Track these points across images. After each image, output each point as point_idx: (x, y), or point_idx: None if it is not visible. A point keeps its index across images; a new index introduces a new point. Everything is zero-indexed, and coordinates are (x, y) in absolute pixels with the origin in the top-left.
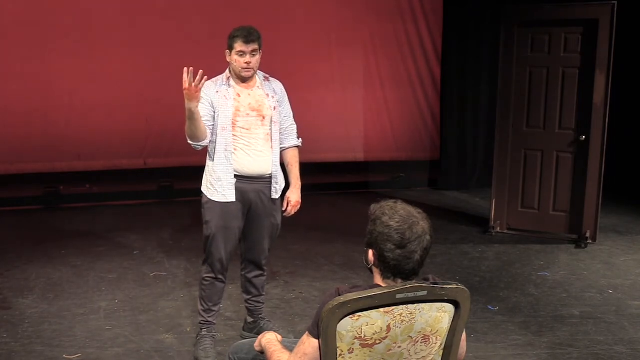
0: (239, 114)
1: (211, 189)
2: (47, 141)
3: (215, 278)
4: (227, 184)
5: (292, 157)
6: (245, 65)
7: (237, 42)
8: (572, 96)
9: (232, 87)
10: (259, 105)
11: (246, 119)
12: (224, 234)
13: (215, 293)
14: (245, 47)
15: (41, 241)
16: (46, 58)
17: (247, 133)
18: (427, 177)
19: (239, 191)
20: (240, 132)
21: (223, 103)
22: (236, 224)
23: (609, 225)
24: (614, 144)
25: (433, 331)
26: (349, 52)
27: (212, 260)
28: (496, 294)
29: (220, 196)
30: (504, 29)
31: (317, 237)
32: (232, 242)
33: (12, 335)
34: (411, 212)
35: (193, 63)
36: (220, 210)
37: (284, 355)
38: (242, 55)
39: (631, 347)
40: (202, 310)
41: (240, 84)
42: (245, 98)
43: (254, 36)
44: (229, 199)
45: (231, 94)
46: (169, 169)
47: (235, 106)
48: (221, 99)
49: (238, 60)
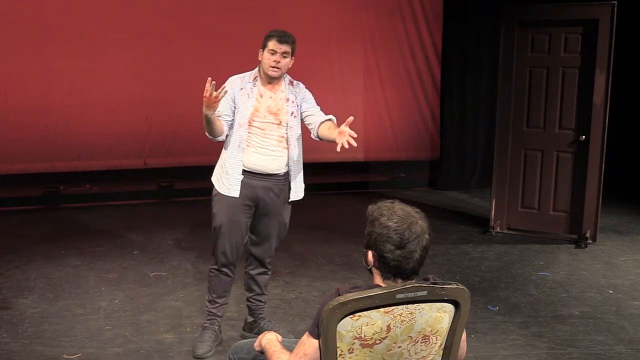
0: (257, 114)
1: (219, 181)
2: (47, 141)
3: (219, 270)
4: (234, 179)
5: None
6: (274, 63)
7: (271, 40)
8: (572, 96)
9: (257, 86)
10: (278, 110)
11: (262, 121)
12: (229, 227)
13: (219, 285)
14: (277, 47)
15: (41, 241)
16: (46, 58)
17: (262, 133)
18: (427, 177)
19: (248, 186)
20: (254, 130)
21: (244, 101)
22: (243, 219)
23: (609, 225)
24: (614, 144)
25: (433, 331)
26: (349, 52)
27: (217, 252)
28: (496, 294)
29: (225, 189)
30: (504, 29)
31: (317, 237)
32: (238, 236)
33: (12, 335)
34: (409, 211)
35: (193, 63)
36: (227, 203)
37: (284, 355)
38: (273, 53)
39: (631, 347)
40: (207, 300)
41: (265, 85)
42: (266, 100)
43: (288, 38)
44: (233, 194)
45: (254, 93)
46: (169, 169)
47: (255, 106)
48: (243, 96)
49: (268, 58)
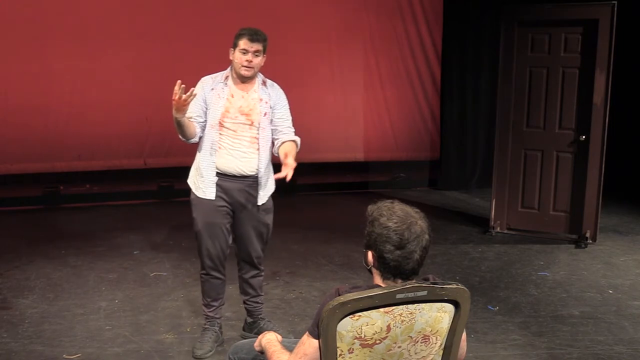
0: (227, 115)
1: (195, 184)
2: (47, 141)
3: (208, 274)
4: (209, 181)
5: (289, 145)
6: (245, 63)
7: (242, 39)
8: (572, 96)
9: (228, 86)
10: (250, 110)
11: (233, 122)
12: (209, 231)
13: (211, 288)
14: (249, 46)
15: (41, 241)
16: (46, 58)
17: (233, 134)
18: (427, 177)
19: (223, 189)
20: (226, 132)
21: (215, 101)
22: (221, 221)
23: (609, 225)
24: (614, 144)
25: (433, 331)
26: (349, 52)
27: (202, 256)
28: (496, 294)
29: (201, 192)
30: (504, 29)
31: (317, 237)
32: (220, 239)
33: (12, 335)
34: (409, 212)
35: (193, 63)
36: (204, 206)
37: (284, 355)
38: (244, 53)
39: (631, 347)
40: (203, 304)
41: (237, 84)
42: (237, 100)
43: (259, 37)
44: (208, 196)
45: (225, 94)
46: (169, 169)
47: (226, 107)
48: (214, 97)
49: (240, 58)
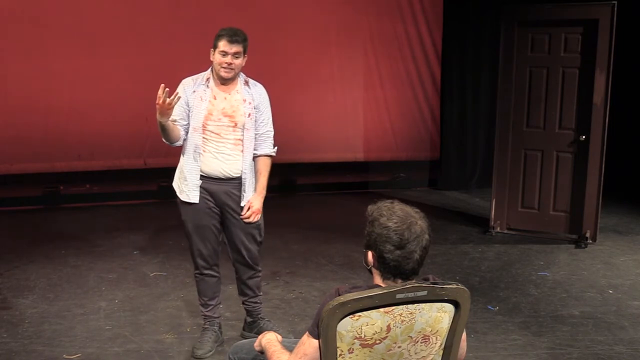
0: (210, 118)
1: (179, 188)
2: (47, 141)
3: (202, 274)
4: (193, 185)
5: (262, 165)
6: (225, 65)
7: (221, 41)
8: (572, 96)
9: (210, 88)
10: (233, 111)
11: (217, 124)
12: (198, 233)
13: (207, 288)
14: (228, 48)
15: (41, 241)
16: (46, 58)
17: (217, 137)
18: (427, 177)
19: (208, 191)
20: (210, 135)
21: (197, 104)
22: (209, 222)
23: (609, 225)
24: (614, 144)
25: (433, 331)
26: (349, 52)
27: (194, 257)
28: (496, 294)
29: (185, 196)
30: (504, 29)
31: (317, 237)
32: (210, 238)
33: (12, 335)
34: (409, 212)
35: (193, 63)
36: (191, 209)
37: (284, 355)
38: (224, 55)
39: (631, 347)
40: (200, 304)
41: (219, 86)
42: (220, 102)
43: (239, 37)
44: (192, 200)
45: (207, 96)
46: (169, 169)
47: (209, 109)
48: (196, 99)
49: (220, 60)
